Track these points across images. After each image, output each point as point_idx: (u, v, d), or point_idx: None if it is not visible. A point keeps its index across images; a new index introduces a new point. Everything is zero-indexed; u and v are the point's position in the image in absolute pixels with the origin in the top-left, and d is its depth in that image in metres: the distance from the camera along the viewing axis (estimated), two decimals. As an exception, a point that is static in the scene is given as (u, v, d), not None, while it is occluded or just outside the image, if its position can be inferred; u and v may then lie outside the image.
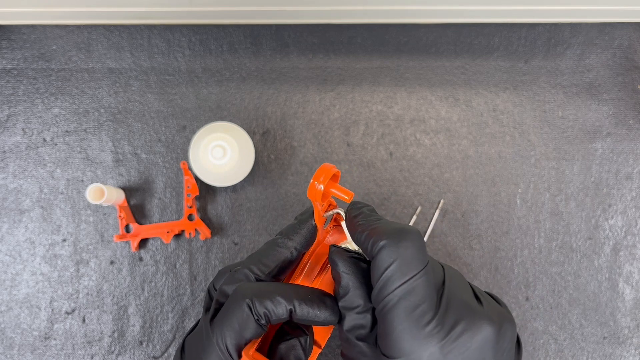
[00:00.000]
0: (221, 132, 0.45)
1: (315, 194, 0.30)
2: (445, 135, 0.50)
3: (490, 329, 0.28)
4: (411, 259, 0.28)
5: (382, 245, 0.28)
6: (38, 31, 0.50)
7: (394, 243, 0.28)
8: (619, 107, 0.51)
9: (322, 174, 0.31)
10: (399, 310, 0.27)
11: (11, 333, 0.48)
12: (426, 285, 0.28)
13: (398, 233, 0.29)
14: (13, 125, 0.49)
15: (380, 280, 0.28)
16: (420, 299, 0.27)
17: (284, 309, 0.29)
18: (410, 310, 0.27)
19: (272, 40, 0.51)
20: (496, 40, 0.51)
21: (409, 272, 0.28)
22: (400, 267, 0.28)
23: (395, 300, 0.27)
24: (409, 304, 0.27)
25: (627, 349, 0.49)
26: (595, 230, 0.50)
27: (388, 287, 0.27)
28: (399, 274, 0.27)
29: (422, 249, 0.29)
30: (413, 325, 0.27)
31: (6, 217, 0.48)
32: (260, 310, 0.29)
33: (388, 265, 0.28)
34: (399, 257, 0.28)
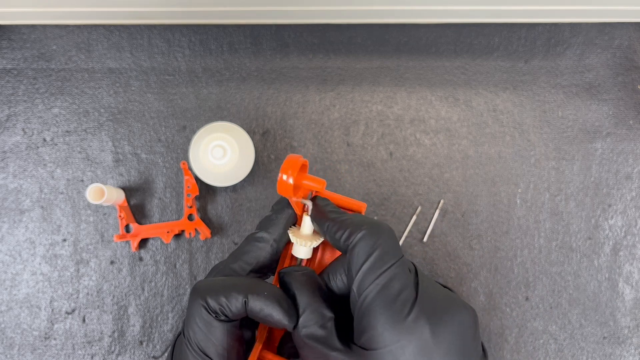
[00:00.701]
0: (221, 132, 0.45)
1: (287, 189, 0.29)
2: (445, 135, 0.50)
3: (468, 313, 0.29)
4: (389, 248, 0.28)
5: (362, 236, 0.28)
6: (38, 31, 0.50)
7: (374, 233, 0.28)
8: (618, 107, 0.51)
9: (289, 166, 0.29)
10: (381, 299, 0.27)
11: (11, 333, 0.48)
12: (405, 274, 0.28)
13: (376, 224, 0.29)
14: (13, 125, 0.49)
15: (361, 271, 0.28)
16: (402, 287, 0.27)
17: (239, 303, 0.28)
18: (393, 298, 0.27)
19: (272, 40, 0.51)
20: (496, 40, 0.52)
21: (388, 261, 0.28)
22: (381, 256, 0.28)
23: (377, 289, 0.27)
24: (391, 292, 0.27)
25: (627, 349, 0.49)
26: (595, 230, 0.50)
27: (369, 276, 0.27)
28: (380, 263, 0.28)
29: (397, 241, 0.29)
30: (397, 313, 0.26)
31: (6, 217, 0.48)
32: (215, 307, 0.28)
33: (369, 254, 0.28)
34: (379, 246, 0.28)
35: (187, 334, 0.29)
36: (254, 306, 0.28)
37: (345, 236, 0.29)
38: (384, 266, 0.27)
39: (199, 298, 0.29)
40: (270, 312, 0.28)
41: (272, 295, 0.29)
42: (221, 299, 0.28)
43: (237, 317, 0.29)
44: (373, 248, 0.28)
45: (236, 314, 0.29)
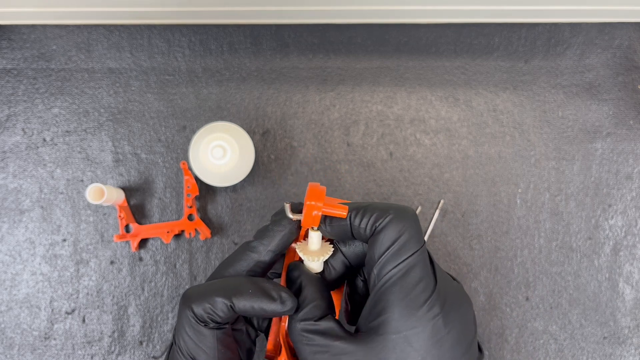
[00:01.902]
0: (221, 132, 0.45)
1: (314, 221, 0.29)
2: (445, 135, 0.50)
3: (472, 306, 0.30)
4: (414, 234, 0.28)
5: (389, 220, 0.28)
6: (38, 31, 0.50)
7: (400, 218, 0.28)
8: (619, 107, 0.51)
9: (314, 197, 0.28)
10: (401, 285, 0.27)
11: (11, 333, 0.48)
12: (425, 262, 0.28)
13: (402, 209, 0.29)
14: (13, 125, 0.49)
15: (385, 255, 0.27)
16: (422, 275, 0.28)
17: (223, 307, 0.28)
18: (412, 285, 0.27)
19: (272, 40, 0.51)
20: (496, 40, 0.51)
21: (412, 247, 0.28)
22: (406, 242, 0.28)
23: (399, 275, 0.27)
24: (412, 279, 0.27)
25: (627, 349, 0.49)
26: (595, 230, 0.50)
27: (392, 261, 0.27)
28: (404, 249, 0.28)
29: (420, 227, 0.29)
30: (415, 301, 0.27)
31: (6, 217, 0.48)
32: (202, 315, 0.28)
33: (394, 239, 0.28)
34: (405, 232, 0.28)
35: (178, 343, 0.29)
36: (241, 306, 0.28)
37: (372, 221, 0.28)
38: (408, 253, 0.27)
39: (185, 307, 0.29)
40: (261, 306, 0.28)
41: (258, 290, 0.28)
42: (206, 305, 0.28)
43: (227, 320, 0.29)
44: (399, 233, 0.28)
45: (224, 318, 0.28)
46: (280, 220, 0.32)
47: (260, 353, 0.48)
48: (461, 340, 0.28)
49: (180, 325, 0.29)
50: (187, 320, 0.29)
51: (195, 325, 0.28)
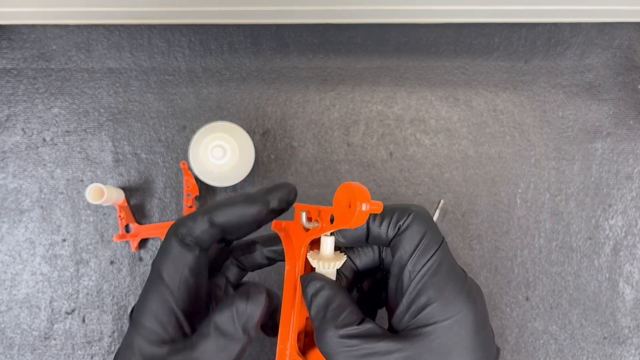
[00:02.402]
0: (221, 132, 0.45)
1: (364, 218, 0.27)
2: (445, 135, 0.50)
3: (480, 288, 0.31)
4: (436, 230, 0.29)
5: (412, 219, 0.29)
6: (38, 31, 0.50)
7: (422, 216, 0.29)
8: (619, 107, 0.51)
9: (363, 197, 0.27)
10: (439, 276, 0.28)
11: (11, 333, 0.48)
12: (450, 253, 0.30)
13: (419, 207, 0.30)
14: (13, 125, 0.49)
15: (416, 253, 0.28)
16: (452, 265, 0.29)
17: (204, 222, 0.28)
18: (448, 275, 0.28)
19: (272, 40, 0.51)
20: (496, 40, 0.51)
21: (437, 242, 0.29)
22: (432, 238, 0.29)
23: (434, 268, 0.28)
24: (446, 270, 0.28)
25: (628, 349, 0.49)
26: (596, 230, 0.50)
27: (423, 258, 0.28)
28: (431, 244, 0.28)
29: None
30: (457, 287, 0.28)
31: (6, 217, 0.48)
32: (182, 231, 0.28)
33: (422, 236, 0.28)
34: (430, 226, 0.29)
35: (154, 263, 0.29)
36: (220, 219, 0.28)
37: (394, 222, 0.29)
38: (435, 246, 0.28)
39: (171, 229, 0.29)
40: (241, 212, 0.28)
41: (232, 199, 0.29)
42: (187, 221, 0.28)
43: (206, 239, 0.29)
44: (425, 229, 0.29)
45: (202, 234, 0.28)
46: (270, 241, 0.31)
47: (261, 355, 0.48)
48: (489, 328, 0.29)
49: (161, 247, 0.29)
50: (168, 240, 0.29)
51: (173, 244, 0.28)
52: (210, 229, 0.29)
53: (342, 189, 0.28)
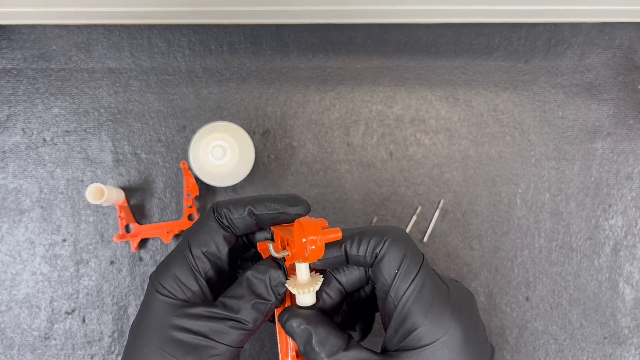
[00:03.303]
0: (221, 132, 0.45)
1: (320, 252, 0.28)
2: (445, 135, 0.50)
3: (473, 296, 0.31)
4: (415, 251, 0.30)
5: (389, 244, 0.29)
6: (38, 31, 0.50)
7: (399, 240, 0.29)
8: (619, 107, 0.51)
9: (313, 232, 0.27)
10: (422, 300, 0.28)
11: (11, 333, 0.48)
12: (432, 272, 0.30)
13: (394, 231, 0.30)
14: (13, 125, 0.49)
15: (397, 278, 0.28)
16: (435, 284, 0.29)
17: (244, 209, 0.30)
18: (432, 296, 0.28)
19: (272, 40, 0.51)
20: (496, 40, 0.51)
21: (417, 263, 0.29)
22: (411, 261, 0.29)
23: (417, 291, 0.28)
24: (429, 292, 0.28)
25: (628, 349, 0.49)
26: (596, 230, 0.50)
27: (405, 282, 0.28)
28: (412, 267, 0.29)
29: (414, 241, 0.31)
30: (440, 308, 0.28)
31: (6, 217, 0.48)
32: (220, 210, 0.31)
33: (401, 261, 0.29)
34: (407, 249, 0.29)
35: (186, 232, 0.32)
36: (260, 210, 0.30)
37: (371, 248, 0.29)
38: (415, 270, 0.29)
39: (211, 206, 0.32)
40: (276, 206, 0.30)
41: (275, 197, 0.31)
42: (229, 205, 0.31)
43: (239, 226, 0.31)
44: (403, 255, 0.29)
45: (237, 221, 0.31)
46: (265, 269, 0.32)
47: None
48: (480, 332, 0.29)
49: (199, 218, 0.32)
50: (206, 214, 0.32)
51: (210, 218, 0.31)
52: (248, 218, 0.31)
53: (296, 225, 0.29)
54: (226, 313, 0.29)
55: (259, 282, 0.30)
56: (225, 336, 0.29)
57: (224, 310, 0.29)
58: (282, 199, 0.31)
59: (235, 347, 0.30)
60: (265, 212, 0.31)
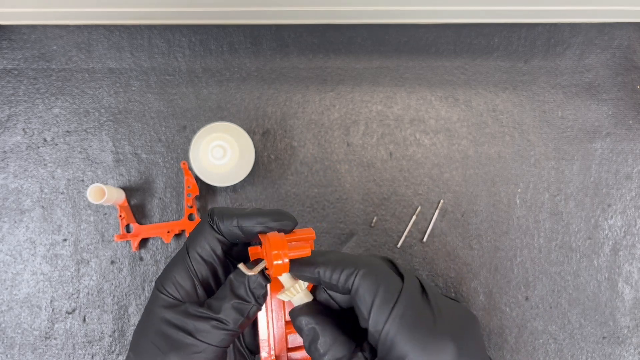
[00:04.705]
0: (221, 132, 0.45)
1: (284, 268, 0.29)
2: (444, 135, 0.51)
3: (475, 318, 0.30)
4: (391, 280, 0.29)
5: (362, 276, 0.29)
6: (38, 31, 0.50)
7: (371, 271, 0.29)
8: (618, 107, 0.51)
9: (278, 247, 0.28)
10: (404, 329, 0.27)
11: (12, 333, 0.48)
12: (415, 298, 0.29)
13: (368, 260, 0.30)
14: (14, 125, 0.49)
15: (373, 310, 0.28)
16: (417, 311, 0.28)
17: (232, 222, 0.31)
18: (414, 325, 0.27)
19: (272, 40, 0.51)
20: (496, 40, 0.52)
21: (395, 291, 0.28)
22: (387, 289, 0.28)
23: (397, 321, 0.27)
24: (410, 320, 0.28)
25: (627, 349, 0.49)
26: (595, 230, 0.50)
27: (383, 312, 0.28)
28: (388, 296, 0.28)
29: (391, 268, 0.30)
30: (423, 337, 0.27)
31: (7, 217, 0.48)
32: (214, 218, 0.32)
33: (375, 292, 0.28)
34: (381, 282, 0.29)
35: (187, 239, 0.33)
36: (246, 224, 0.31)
37: (343, 278, 0.29)
38: (394, 298, 0.28)
39: (207, 213, 0.33)
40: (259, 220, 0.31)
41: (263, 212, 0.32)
42: (222, 215, 0.32)
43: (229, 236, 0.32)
44: (377, 285, 0.28)
45: (226, 231, 0.32)
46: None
47: None
48: (470, 343, 0.28)
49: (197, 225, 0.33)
50: (203, 220, 0.33)
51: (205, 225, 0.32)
52: (235, 229, 0.32)
53: (264, 239, 0.30)
54: (209, 313, 0.30)
55: (239, 284, 0.31)
56: (208, 335, 0.30)
57: (208, 310, 0.31)
58: (267, 214, 0.31)
59: (219, 347, 0.30)
60: (250, 226, 0.31)
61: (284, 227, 0.31)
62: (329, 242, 0.49)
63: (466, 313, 0.30)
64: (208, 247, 0.32)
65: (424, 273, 0.49)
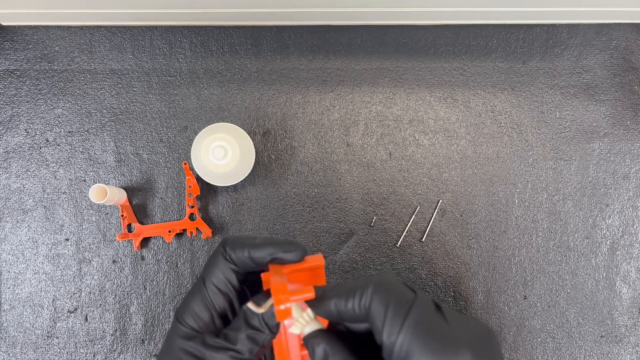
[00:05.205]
0: (222, 133, 0.46)
1: (287, 313, 0.29)
2: (443, 136, 0.51)
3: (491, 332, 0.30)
4: (402, 291, 0.29)
5: (372, 291, 0.29)
6: (41, 32, 0.50)
7: (381, 284, 0.29)
8: (616, 107, 0.52)
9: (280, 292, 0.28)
10: (418, 339, 0.27)
11: (14, 332, 0.48)
12: (427, 308, 0.28)
13: (377, 277, 0.30)
14: (16, 125, 0.50)
15: (387, 321, 0.28)
16: (430, 321, 0.28)
17: (243, 252, 0.32)
18: (428, 334, 0.27)
19: (273, 41, 0.51)
20: (494, 41, 0.52)
21: (407, 302, 0.28)
22: (399, 300, 0.28)
23: (411, 331, 0.27)
24: (424, 329, 0.27)
25: (624, 347, 0.50)
26: (593, 229, 0.51)
27: (396, 323, 0.27)
28: (400, 307, 0.28)
29: (402, 282, 0.30)
30: (438, 346, 0.27)
31: (9, 216, 0.49)
32: (226, 249, 0.33)
33: (387, 303, 0.28)
34: (393, 293, 0.28)
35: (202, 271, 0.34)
36: (255, 253, 0.32)
37: (357, 301, 0.29)
38: (406, 308, 0.28)
39: (220, 244, 0.34)
40: (270, 251, 0.32)
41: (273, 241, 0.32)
42: (235, 246, 0.33)
43: (241, 265, 0.33)
44: (389, 297, 0.28)
45: (238, 261, 0.32)
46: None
47: None
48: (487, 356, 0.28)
49: (211, 255, 0.34)
50: (216, 252, 0.34)
51: (218, 257, 0.33)
52: (247, 261, 0.32)
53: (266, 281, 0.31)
54: (225, 343, 0.31)
55: (253, 315, 0.32)
56: None
57: (225, 341, 0.31)
58: (277, 244, 0.32)
59: None
60: (261, 257, 0.32)
61: (294, 258, 0.32)
62: (329, 241, 0.50)
63: (483, 326, 0.30)
64: (223, 278, 0.33)
65: (423, 272, 0.50)
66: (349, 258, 0.49)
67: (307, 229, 0.50)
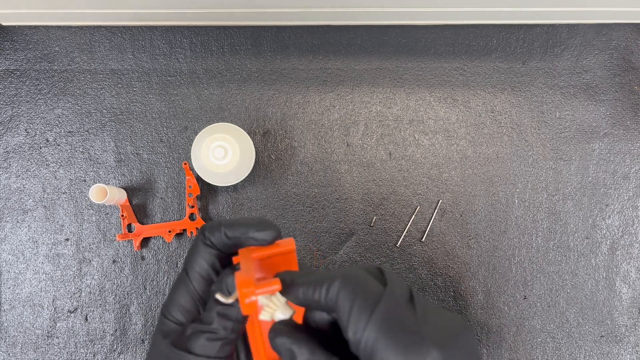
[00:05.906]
0: (222, 133, 0.46)
1: (253, 307, 0.29)
2: (443, 136, 0.51)
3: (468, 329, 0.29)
4: (371, 286, 0.28)
5: (339, 285, 0.28)
6: (41, 32, 0.50)
7: (349, 278, 0.29)
8: (616, 107, 0.52)
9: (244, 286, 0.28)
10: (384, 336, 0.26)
11: (14, 331, 0.48)
12: (396, 303, 0.28)
13: (347, 271, 0.29)
14: (16, 125, 0.50)
15: (352, 317, 0.27)
16: (398, 317, 0.27)
17: (220, 233, 0.32)
18: (395, 331, 0.26)
19: (273, 41, 0.51)
20: (494, 41, 0.52)
21: (374, 297, 0.27)
22: (366, 296, 0.27)
23: (376, 328, 0.27)
24: (390, 326, 0.27)
25: (624, 347, 0.50)
26: (593, 229, 0.51)
27: (362, 319, 0.27)
28: (367, 302, 0.27)
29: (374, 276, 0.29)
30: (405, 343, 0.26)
31: (9, 216, 0.49)
32: (205, 233, 0.32)
33: (353, 298, 0.27)
34: (360, 288, 0.28)
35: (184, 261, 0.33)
36: (233, 234, 0.31)
37: (324, 294, 0.29)
38: (373, 304, 0.27)
39: (199, 230, 0.33)
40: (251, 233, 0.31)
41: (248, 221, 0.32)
42: (213, 229, 0.32)
43: (220, 246, 0.32)
44: (355, 292, 0.28)
45: (217, 242, 0.32)
46: None
47: None
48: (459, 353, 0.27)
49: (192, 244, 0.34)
50: (196, 239, 0.33)
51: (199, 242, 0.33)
52: (224, 239, 0.32)
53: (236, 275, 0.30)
54: (202, 326, 0.31)
55: (219, 290, 0.31)
56: (205, 349, 0.31)
57: (201, 324, 0.31)
58: (250, 224, 0.31)
59: (219, 358, 0.31)
60: (236, 235, 0.32)
61: (267, 237, 0.31)
62: (329, 241, 0.50)
63: (459, 323, 0.29)
64: (206, 265, 0.32)
65: (423, 272, 0.50)
66: (349, 258, 0.50)
67: (307, 229, 0.50)
